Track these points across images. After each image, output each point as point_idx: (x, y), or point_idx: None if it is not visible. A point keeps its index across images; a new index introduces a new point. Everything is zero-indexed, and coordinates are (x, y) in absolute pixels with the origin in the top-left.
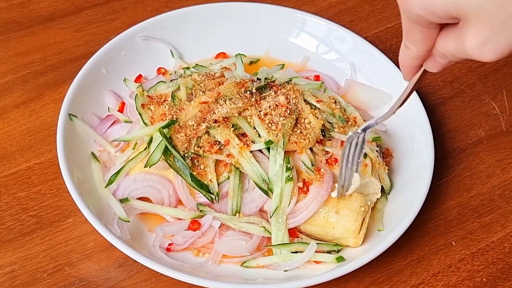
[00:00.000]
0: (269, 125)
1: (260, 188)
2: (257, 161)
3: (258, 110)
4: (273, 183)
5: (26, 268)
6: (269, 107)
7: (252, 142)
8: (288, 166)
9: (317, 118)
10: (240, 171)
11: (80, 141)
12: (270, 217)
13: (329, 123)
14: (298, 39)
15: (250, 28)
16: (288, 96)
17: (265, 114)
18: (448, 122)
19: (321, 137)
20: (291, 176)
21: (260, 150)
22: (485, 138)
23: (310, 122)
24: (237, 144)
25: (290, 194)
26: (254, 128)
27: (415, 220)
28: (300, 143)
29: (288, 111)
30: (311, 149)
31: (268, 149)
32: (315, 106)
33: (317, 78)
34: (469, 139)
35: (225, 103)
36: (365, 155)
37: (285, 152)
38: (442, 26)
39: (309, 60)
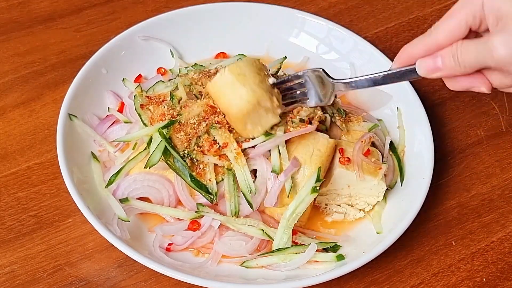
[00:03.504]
0: None
1: (246, 200)
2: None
3: None
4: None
5: (26, 268)
6: None
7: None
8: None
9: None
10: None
11: (80, 141)
12: (284, 218)
13: (330, 116)
14: (298, 39)
15: (250, 28)
16: None
17: None
18: (448, 122)
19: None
20: (318, 188)
21: None
22: (485, 138)
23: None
24: (235, 149)
25: (309, 205)
26: None
27: (415, 220)
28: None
29: None
30: None
31: None
32: None
33: None
34: (469, 139)
35: None
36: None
37: None
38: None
39: (309, 60)
